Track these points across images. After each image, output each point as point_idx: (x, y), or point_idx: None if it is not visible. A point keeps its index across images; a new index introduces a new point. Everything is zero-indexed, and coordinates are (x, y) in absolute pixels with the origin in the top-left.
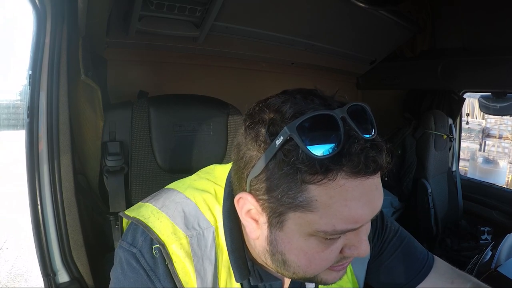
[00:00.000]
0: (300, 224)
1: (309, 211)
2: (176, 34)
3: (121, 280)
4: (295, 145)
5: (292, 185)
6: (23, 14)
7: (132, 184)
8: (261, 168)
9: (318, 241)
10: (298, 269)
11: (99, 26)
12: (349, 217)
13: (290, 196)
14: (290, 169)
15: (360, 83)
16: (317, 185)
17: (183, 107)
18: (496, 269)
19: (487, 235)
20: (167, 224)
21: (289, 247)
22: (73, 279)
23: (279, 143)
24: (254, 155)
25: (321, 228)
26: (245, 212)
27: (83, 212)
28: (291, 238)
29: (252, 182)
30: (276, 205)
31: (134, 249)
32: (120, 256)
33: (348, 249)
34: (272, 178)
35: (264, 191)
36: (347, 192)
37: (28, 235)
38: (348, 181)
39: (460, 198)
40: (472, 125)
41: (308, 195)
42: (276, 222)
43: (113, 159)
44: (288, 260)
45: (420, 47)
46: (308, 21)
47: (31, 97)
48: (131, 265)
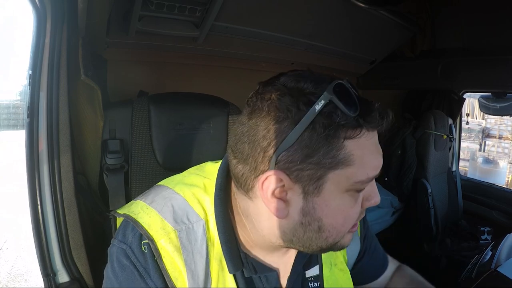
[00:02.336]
0: (339, 181)
1: (348, 166)
2: (176, 34)
3: (111, 279)
4: (334, 107)
5: (333, 144)
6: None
7: (132, 182)
8: (294, 139)
9: (350, 197)
10: (333, 231)
11: (99, 26)
12: (374, 165)
13: (331, 156)
14: (332, 129)
15: (360, 83)
16: (352, 140)
17: (183, 106)
18: (496, 269)
19: (487, 235)
20: (156, 219)
21: (326, 211)
22: (73, 279)
23: (319, 107)
24: (282, 128)
25: (358, 178)
26: (271, 193)
27: (83, 212)
28: (328, 200)
29: (282, 156)
30: (314, 170)
31: (124, 246)
32: (111, 254)
33: (366, 201)
34: (310, 143)
35: (301, 160)
36: (370, 145)
37: (28, 235)
38: (369, 135)
39: (460, 198)
40: (472, 125)
41: (346, 151)
42: (313, 188)
43: (113, 157)
44: (324, 225)
45: (420, 47)
46: (308, 21)
47: (31, 97)
48: (122, 263)
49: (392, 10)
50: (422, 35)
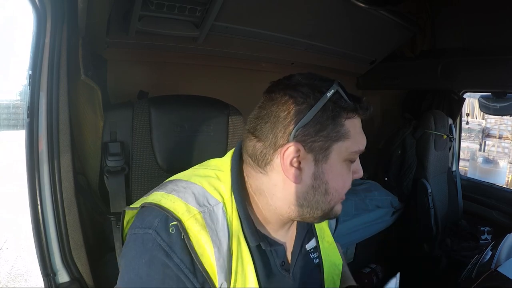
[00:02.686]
0: (340, 151)
1: (347, 139)
2: (176, 34)
3: (135, 262)
4: (339, 96)
5: (337, 122)
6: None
7: (132, 184)
8: (310, 117)
9: (346, 166)
10: (335, 193)
11: (99, 26)
12: (362, 142)
13: (336, 131)
14: (338, 111)
15: (360, 83)
16: (349, 120)
17: (183, 108)
18: (496, 269)
19: (487, 235)
20: (179, 203)
21: (331, 175)
22: (73, 279)
23: (329, 95)
24: (301, 109)
25: (353, 149)
26: (289, 161)
27: (83, 212)
28: (333, 166)
29: (299, 131)
30: (324, 142)
31: (150, 230)
32: (134, 240)
33: (355, 173)
34: (322, 121)
35: (315, 133)
36: (359, 126)
37: (28, 235)
38: (359, 119)
39: (460, 198)
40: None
41: (345, 128)
42: (322, 156)
43: (114, 159)
44: (329, 187)
45: (420, 47)
46: (308, 21)
47: (31, 97)
48: (146, 247)
49: (392, 10)
50: (422, 35)
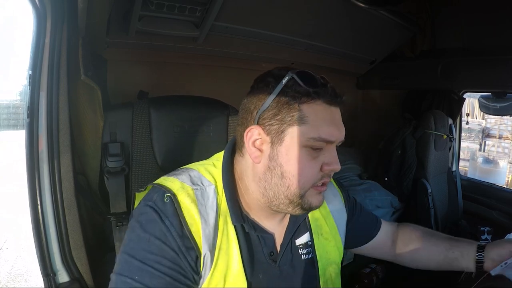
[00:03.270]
0: (295, 136)
1: (303, 124)
2: (176, 34)
3: (134, 225)
4: (295, 82)
5: (292, 107)
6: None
7: (132, 184)
8: (268, 103)
9: (307, 152)
10: (293, 179)
11: (99, 26)
12: (327, 131)
13: (290, 115)
14: (291, 96)
15: (360, 83)
16: (307, 105)
17: (183, 108)
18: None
19: (487, 235)
20: (176, 182)
21: (286, 158)
22: (73, 279)
23: (284, 81)
24: (263, 96)
25: (310, 135)
26: (252, 142)
27: (83, 212)
28: (288, 149)
29: (261, 115)
30: (279, 125)
31: (150, 202)
32: (138, 212)
33: (326, 165)
34: (278, 106)
35: (272, 117)
36: (324, 114)
37: (28, 235)
38: (324, 107)
39: (460, 198)
40: (472, 125)
41: (302, 113)
42: (277, 139)
43: (114, 160)
44: (285, 171)
45: (420, 47)
46: (308, 21)
47: (31, 97)
48: (146, 213)
49: (392, 10)
50: (422, 35)
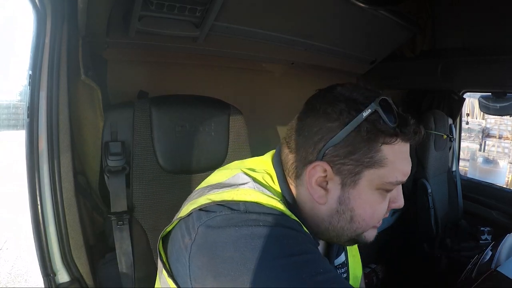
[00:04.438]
0: (372, 179)
1: (381, 167)
2: (176, 34)
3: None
4: (378, 117)
5: (371, 147)
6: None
7: (133, 184)
8: (341, 137)
9: (379, 194)
10: (362, 222)
11: (99, 26)
12: (404, 171)
13: (368, 156)
14: (373, 134)
15: (360, 83)
16: (388, 146)
17: (184, 108)
18: (496, 269)
19: (487, 235)
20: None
21: (359, 202)
22: (73, 279)
23: (366, 114)
24: (334, 127)
25: (388, 179)
26: (315, 180)
27: (83, 212)
28: (361, 193)
29: (329, 150)
30: (354, 166)
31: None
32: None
33: (392, 202)
34: (354, 143)
35: (344, 155)
36: (402, 153)
37: (28, 235)
38: (402, 145)
39: (460, 198)
40: (472, 125)
41: (382, 154)
42: (350, 181)
43: (115, 159)
44: (355, 215)
45: (420, 47)
46: (308, 21)
47: (31, 97)
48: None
49: (392, 10)
50: (422, 35)
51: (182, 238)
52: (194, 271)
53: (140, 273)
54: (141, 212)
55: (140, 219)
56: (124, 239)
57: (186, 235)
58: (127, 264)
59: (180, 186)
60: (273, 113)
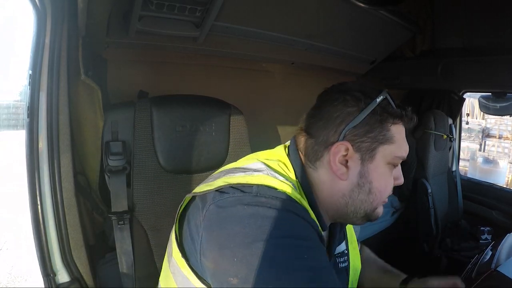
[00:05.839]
0: (385, 154)
1: (392, 143)
2: (176, 34)
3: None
4: (387, 103)
5: (384, 126)
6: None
7: (134, 183)
8: (359, 119)
9: (389, 169)
10: (378, 194)
11: (99, 26)
12: (406, 148)
13: (382, 134)
14: (384, 116)
15: None
16: (395, 126)
17: (185, 108)
18: (496, 269)
19: (487, 235)
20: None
21: (376, 175)
22: (73, 279)
23: (379, 100)
24: (352, 111)
25: (397, 154)
26: (338, 159)
27: (83, 212)
28: (377, 167)
29: (349, 131)
30: (371, 143)
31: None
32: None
33: (396, 180)
34: (370, 123)
35: (363, 134)
36: (403, 134)
37: (28, 235)
38: (403, 127)
39: (460, 198)
40: (472, 125)
41: (391, 133)
42: (368, 157)
43: (115, 158)
44: (373, 187)
45: (420, 47)
46: (308, 21)
47: (31, 97)
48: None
49: (392, 10)
50: (422, 35)
51: (197, 216)
52: (203, 245)
53: (140, 272)
54: (141, 212)
55: (141, 219)
56: (124, 239)
57: (200, 213)
58: (127, 264)
59: (181, 186)
60: (273, 113)
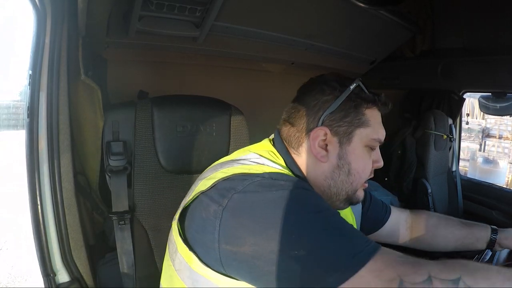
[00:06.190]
0: (362, 137)
1: (368, 126)
2: (176, 34)
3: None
4: (360, 89)
5: (359, 111)
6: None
7: (134, 184)
8: (336, 106)
9: (367, 151)
10: (357, 175)
11: (99, 26)
12: (381, 132)
13: (357, 118)
14: (359, 101)
15: None
16: (370, 110)
17: (186, 108)
18: None
19: None
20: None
21: (354, 157)
22: (73, 279)
23: (352, 87)
24: (329, 99)
25: (373, 136)
26: (317, 143)
27: (83, 212)
28: (355, 149)
29: (326, 118)
30: (347, 127)
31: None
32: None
33: (375, 162)
34: (345, 109)
35: (340, 119)
36: (378, 118)
37: (28, 235)
38: (378, 112)
39: (460, 198)
40: (472, 125)
41: (366, 117)
42: (346, 140)
43: (116, 158)
44: (352, 168)
45: (420, 47)
46: (308, 21)
47: (31, 97)
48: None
49: (392, 10)
50: (422, 35)
51: (207, 209)
52: (226, 233)
53: (141, 272)
54: (142, 212)
55: (141, 219)
56: (125, 239)
57: (213, 205)
58: (128, 264)
59: (181, 186)
60: (273, 113)
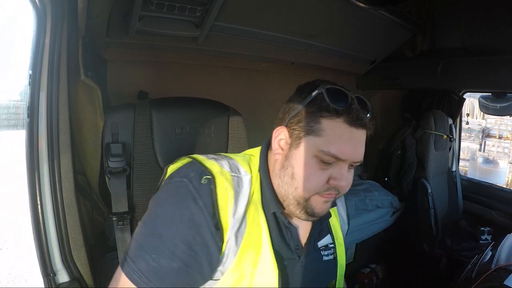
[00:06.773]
0: (310, 145)
1: (318, 136)
2: (176, 34)
3: (165, 202)
4: (322, 98)
5: (313, 118)
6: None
7: (134, 185)
8: (297, 111)
9: (316, 163)
10: (300, 182)
11: (99, 26)
12: (340, 148)
13: (310, 125)
14: (315, 108)
15: (360, 83)
16: (326, 120)
17: (185, 110)
18: (504, 282)
19: (487, 235)
20: (216, 166)
21: (298, 162)
22: (73, 279)
23: (314, 94)
24: (296, 105)
25: (321, 148)
26: (278, 140)
27: (83, 212)
28: (301, 154)
29: (290, 119)
30: (300, 131)
31: (184, 179)
32: (167, 185)
33: (332, 180)
34: (303, 115)
35: (296, 123)
36: (341, 132)
37: (28, 235)
38: (344, 126)
39: (460, 198)
40: (472, 125)
41: (320, 126)
42: (295, 143)
43: (116, 160)
44: (295, 173)
45: (420, 47)
46: (308, 21)
47: (31, 97)
48: (178, 191)
49: (392, 10)
50: (422, 35)
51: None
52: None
53: None
54: (142, 213)
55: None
56: (125, 239)
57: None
58: None
59: None
60: (273, 113)
